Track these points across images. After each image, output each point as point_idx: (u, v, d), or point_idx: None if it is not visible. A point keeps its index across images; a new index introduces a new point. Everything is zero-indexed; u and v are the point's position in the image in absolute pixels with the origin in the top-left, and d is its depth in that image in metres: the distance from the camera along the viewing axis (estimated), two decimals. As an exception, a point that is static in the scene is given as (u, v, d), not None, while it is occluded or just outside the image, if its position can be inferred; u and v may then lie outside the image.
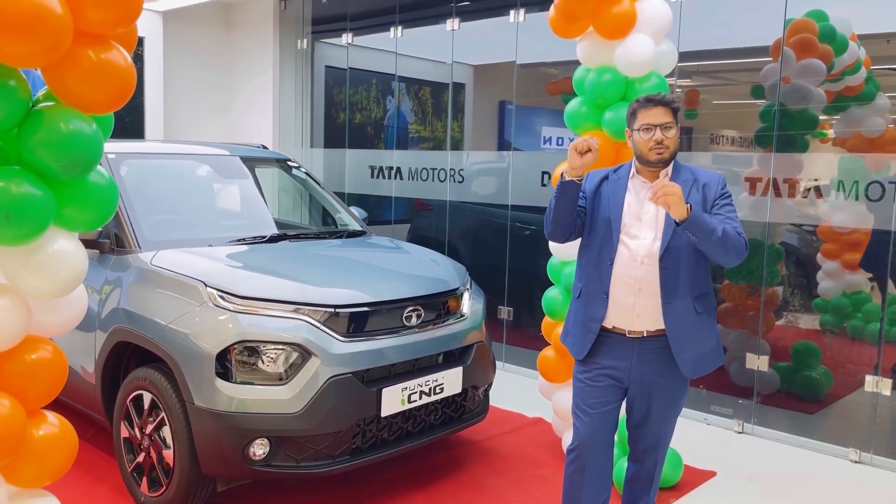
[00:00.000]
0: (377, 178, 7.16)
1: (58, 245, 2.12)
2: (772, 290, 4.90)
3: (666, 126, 2.74)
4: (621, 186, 2.85)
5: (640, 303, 2.76)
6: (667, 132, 2.74)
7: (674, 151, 2.79)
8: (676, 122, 2.78)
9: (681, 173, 2.83)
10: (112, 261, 3.81)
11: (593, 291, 2.83)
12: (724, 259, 2.69)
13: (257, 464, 3.23)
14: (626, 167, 2.91)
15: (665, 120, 2.74)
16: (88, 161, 2.09)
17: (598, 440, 2.90)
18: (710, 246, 2.63)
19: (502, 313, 6.21)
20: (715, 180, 2.81)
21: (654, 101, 2.77)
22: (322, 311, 3.36)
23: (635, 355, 2.81)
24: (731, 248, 2.65)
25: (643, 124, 2.76)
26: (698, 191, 2.78)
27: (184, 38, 7.90)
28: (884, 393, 4.34)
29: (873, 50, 4.53)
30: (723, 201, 2.78)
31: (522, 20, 5.91)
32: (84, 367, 3.81)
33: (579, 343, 2.89)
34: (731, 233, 2.65)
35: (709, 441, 4.63)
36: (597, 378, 2.87)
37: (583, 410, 2.91)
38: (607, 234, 2.81)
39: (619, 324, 2.81)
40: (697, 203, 2.73)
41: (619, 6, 3.59)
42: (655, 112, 2.75)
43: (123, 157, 4.26)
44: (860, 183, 4.34)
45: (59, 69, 1.98)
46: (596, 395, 2.87)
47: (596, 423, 2.88)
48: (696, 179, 2.81)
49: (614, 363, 2.84)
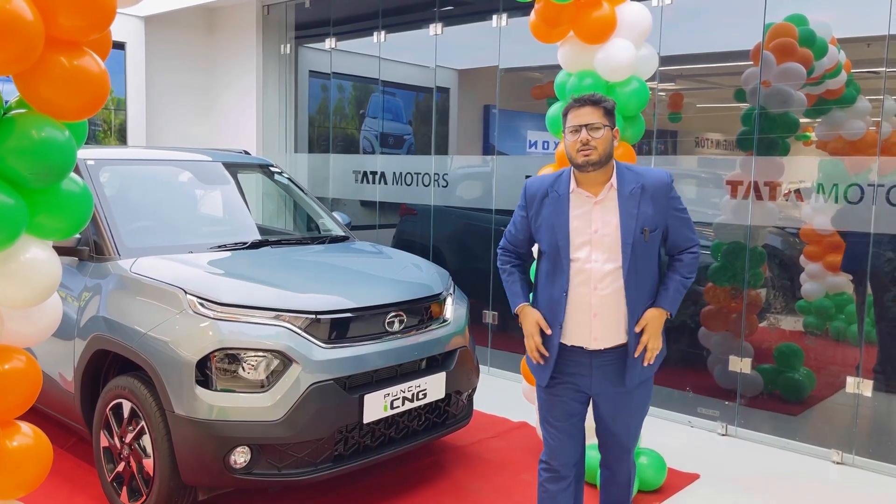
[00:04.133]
0: (361, 182, 7.15)
1: (30, 254, 2.10)
2: (755, 293, 4.92)
3: (593, 126, 2.63)
4: (564, 207, 2.72)
5: (597, 327, 2.71)
6: (594, 132, 2.62)
7: (604, 153, 2.65)
8: (612, 123, 2.68)
9: (626, 180, 2.71)
10: (91, 268, 3.78)
11: (549, 319, 2.77)
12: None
13: (238, 472, 3.20)
14: (565, 177, 2.77)
15: (591, 120, 2.63)
16: (61, 169, 2.06)
17: (568, 451, 2.87)
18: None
19: (487, 317, 6.21)
20: (663, 186, 2.72)
21: (582, 101, 2.68)
22: (303, 317, 3.34)
23: (594, 367, 2.76)
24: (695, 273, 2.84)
25: (570, 125, 2.67)
26: (647, 203, 2.69)
27: (166, 44, 7.86)
28: (865, 394, 4.36)
29: (854, 53, 4.56)
30: (676, 213, 2.75)
31: (505, 25, 5.93)
32: (63, 375, 3.77)
33: (540, 371, 2.84)
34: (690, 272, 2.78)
35: (692, 444, 4.64)
36: (560, 391, 2.82)
37: (549, 423, 2.87)
38: (557, 258, 2.73)
39: (577, 342, 2.76)
40: (649, 216, 2.68)
41: (599, 11, 3.60)
42: (583, 112, 2.65)
43: (103, 163, 4.22)
44: (839, 186, 4.37)
45: (31, 76, 1.96)
46: (560, 407, 2.83)
47: (564, 434, 2.85)
48: (644, 187, 2.69)
49: (575, 374, 2.79)
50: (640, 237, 2.66)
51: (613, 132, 2.70)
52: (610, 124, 2.68)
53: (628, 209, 2.67)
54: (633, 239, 2.65)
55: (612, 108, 2.71)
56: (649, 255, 2.72)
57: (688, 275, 2.78)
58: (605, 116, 2.66)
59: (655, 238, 2.72)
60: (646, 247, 2.68)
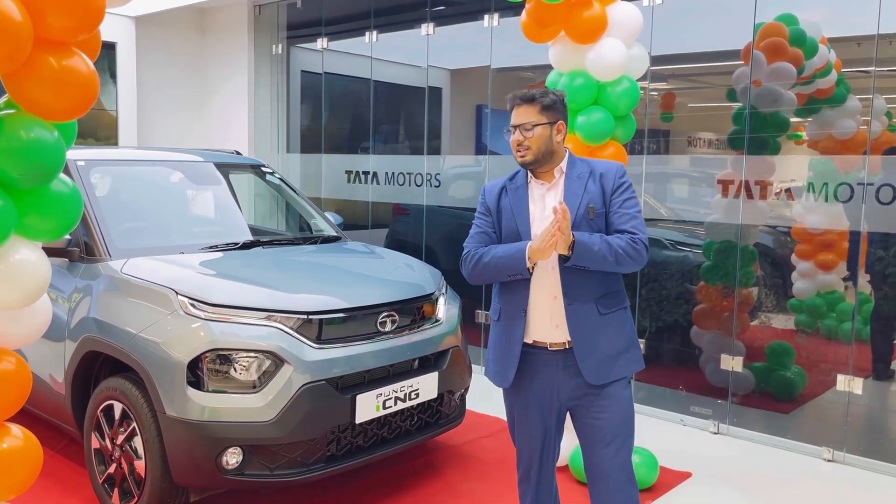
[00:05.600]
0: (354, 182, 7.14)
1: (19, 255, 2.08)
2: (746, 291, 4.94)
3: (524, 126, 2.58)
4: (522, 196, 2.69)
5: (557, 311, 2.61)
6: (526, 132, 2.58)
7: (538, 152, 2.60)
8: (553, 118, 2.61)
9: (576, 166, 2.68)
10: (82, 269, 3.76)
11: (512, 311, 2.66)
12: (619, 271, 2.60)
13: (230, 473, 3.19)
14: (521, 173, 2.74)
15: (523, 120, 2.59)
16: (50, 169, 2.05)
17: (542, 462, 2.76)
18: (603, 268, 2.55)
19: (480, 317, 6.21)
20: (612, 170, 2.65)
21: (517, 99, 2.63)
22: (295, 317, 3.34)
23: (560, 370, 2.63)
24: (625, 264, 2.55)
25: (508, 127, 2.65)
26: (595, 182, 2.63)
27: (157, 44, 7.84)
28: (855, 392, 4.39)
29: (844, 53, 4.58)
30: (622, 195, 2.62)
31: (496, 25, 5.93)
32: (53, 377, 3.75)
33: (502, 370, 2.69)
34: (625, 249, 2.52)
35: (685, 442, 4.66)
36: (528, 405, 2.70)
37: (519, 439, 2.77)
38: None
39: (539, 337, 2.64)
40: (595, 195, 2.61)
41: (590, 11, 3.60)
42: (517, 112, 2.62)
43: (94, 163, 4.21)
44: (829, 185, 4.39)
45: (20, 76, 1.95)
46: (530, 421, 2.71)
47: (536, 447, 2.73)
48: (593, 170, 2.66)
49: (543, 383, 2.66)
50: (583, 215, 2.58)
51: (556, 126, 2.62)
52: (549, 119, 2.60)
53: (573, 189, 2.63)
54: (576, 217, 2.57)
55: (554, 102, 2.62)
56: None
57: (617, 246, 2.52)
58: (541, 113, 2.59)
59: (600, 219, 2.61)
60: (589, 226, 2.58)
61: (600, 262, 2.52)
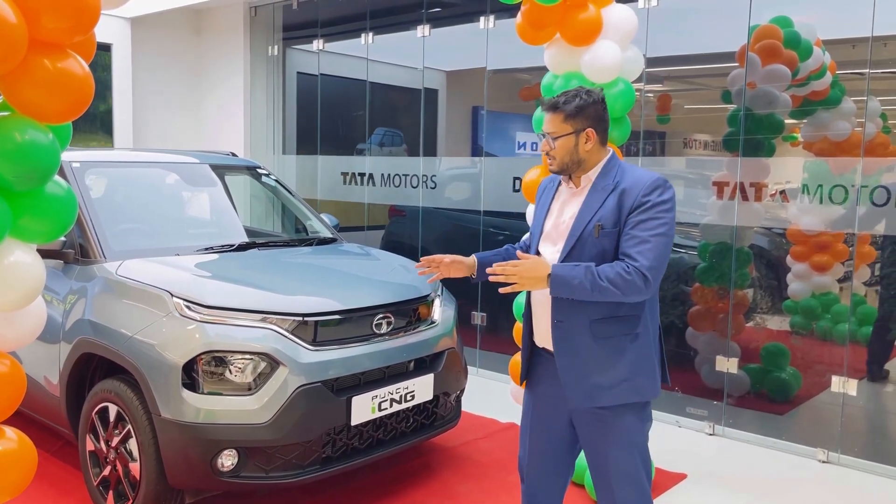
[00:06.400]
0: (350, 184, 7.14)
1: (14, 257, 2.08)
2: (741, 293, 4.95)
3: (552, 135, 2.46)
4: (548, 197, 2.65)
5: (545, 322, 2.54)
6: (553, 140, 2.46)
7: (563, 162, 2.48)
8: (578, 126, 2.45)
9: (607, 176, 2.48)
10: (77, 271, 3.76)
11: (528, 312, 2.66)
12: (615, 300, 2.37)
13: (225, 475, 3.19)
14: None
15: (549, 129, 2.47)
16: (45, 171, 2.05)
17: (540, 464, 2.70)
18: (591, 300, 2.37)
19: (476, 319, 6.22)
20: (639, 185, 2.39)
21: (543, 106, 2.51)
22: (290, 319, 3.33)
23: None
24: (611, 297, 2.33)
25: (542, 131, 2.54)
26: (615, 197, 2.42)
27: (153, 45, 7.83)
28: (850, 393, 4.40)
29: (838, 55, 4.59)
30: (641, 214, 2.36)
31: (492, 26, 5.94)
32: (48, 379, 3.74)
33: (523, 366, 2.71)
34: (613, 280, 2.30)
35: (680, 443, 4.66)
36: (537, 401, 2.68)
37: (524, 434, 2.74)
38: (528, 250, 2.68)
39: (544, 343, 2.59)
40: (610, 211, 2.40)
41: (585, 13, 3.60)
42: (545, 119, 2.49)
43: (89, 165, 4.20)
44: (824, 186, 4.40)
45: (14, 78, 1.95)
46: (536, 418, 2.68)
47: (535, 446, 2.69)
48: (618, 184, 2.44)
49: (549, 388, 2.61)
50: (590, 231, 2.41)
51: (583, 134, 2.45)
52: (575, 128, 2.44)
53: (591, 202, 2.47)
54: (583, 232, 2.42)
55: (581, 109, 2.44)
56: (596, 257, 2.41)
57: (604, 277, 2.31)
58: (566, 122, 2.45)
59: (609, 239, 2.40)
60: (595, 244, 2.41)
61: (581, 294, 2.35)
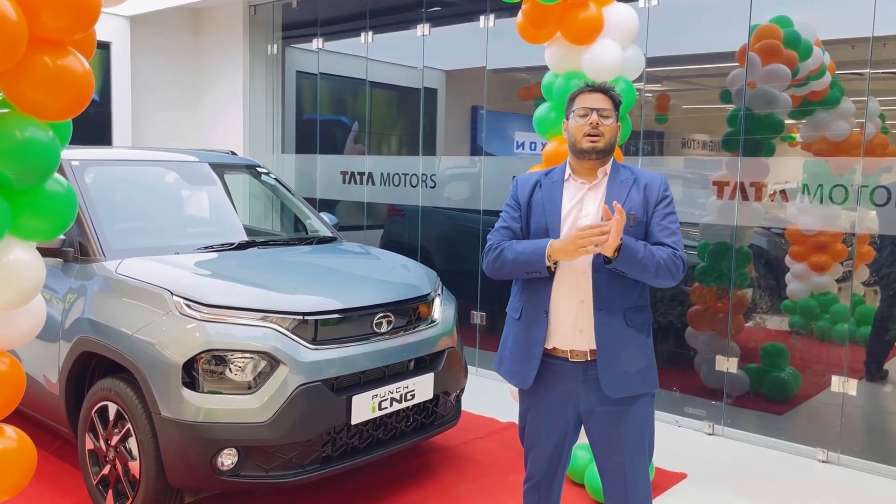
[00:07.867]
0: (349, 183, 7.13)
1: (14, 255, 2.07)
2: (741, 293, 4.95)
3: (603, 112, 2.52)
4: (557, 192, 2.60)
5: (583, 316, 2.51)
6: (604, 119, 2.52)
7: (609, 143, 2.54)
8: (617, 116, 2.58)
9: (620, 172, 2.60)
10: (76, 269, 3.75)
11: (533, 311, 2.57)
12: (655, 283, 2.51)
13: (225, 474, 3.18)
14: (559, 170, 2.66)
15: (603, 105, 2.53)
16: (45, 169, 2.04)
17: (551, 472, 2.70)
18: (642, 277, 2.48)
19: (475, 318, 6.21)
20: (657, 181, 2.58)
21: (595, 87, 2.58)
22: (290, 318, 3.33)
23: (580, 383, 2.55)
24: (663, 277, 2.46)
25: (580, 108, 2.55)
26: (639, 191, 2.55)
27: (152, 44, 7.82)
28: (850, 393, 4.40)
29: (838, 55, 4.60)
30: (665, 209, 2.55)
31: (492, 26, 5.94)
32: (47, 377, 3.74)
33: (521, 371, 2.61)
34: (666, 262, 2.44)
35: (680, 443, 4.66)
36: (542, 415, 2.63)
37: (532, 444, 2.71)
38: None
39: (560, 344, 2.55)
40: (637, 203, 2.53)
41: (585, 12, 3.60)
42: (594, 97, 2.55)
43: (88, 163, 4.19)
44: (824, 186, 4.40)
45: (15, 76, 1.94)
46: (542, 431, 2.65)
47: (546, 457, 2.68)
48: (637, 179, 2.58)
49: (559, 396, 2.58)
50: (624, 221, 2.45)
51: (617, 126, 2.61)
52: (617, 118, 2.59)
53: (616, 193, 2.54)
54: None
55: (618, 105, 2.61)
56: None
57: (660, 257, 2.44)
58: (614, 109, 2.57)
59: (634, 229, 2.51)
60: (628, 233, 2.47)
61: (641, 270, 2.43)
